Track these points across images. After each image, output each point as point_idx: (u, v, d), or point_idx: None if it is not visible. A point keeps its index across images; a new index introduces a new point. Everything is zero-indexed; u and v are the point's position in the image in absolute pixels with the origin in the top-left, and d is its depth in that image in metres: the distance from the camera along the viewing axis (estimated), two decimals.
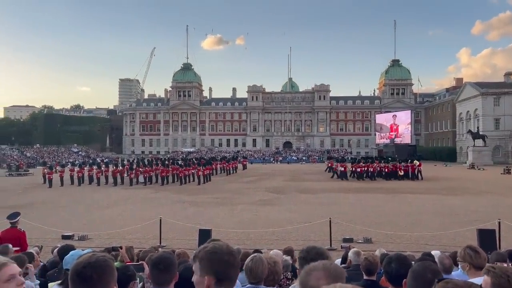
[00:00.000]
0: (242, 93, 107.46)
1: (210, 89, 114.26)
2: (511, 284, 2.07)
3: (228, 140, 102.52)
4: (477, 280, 2.90)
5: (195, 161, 41.26)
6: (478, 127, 64.99)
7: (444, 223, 14.80)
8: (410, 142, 76.32)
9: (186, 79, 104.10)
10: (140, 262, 3.61)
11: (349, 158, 48.45)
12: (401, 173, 35.97)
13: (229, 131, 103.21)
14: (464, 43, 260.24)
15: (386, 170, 36.80)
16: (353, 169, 37.29)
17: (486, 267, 2.38)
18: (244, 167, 54.73)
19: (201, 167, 35.47)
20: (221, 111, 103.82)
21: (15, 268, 1.97)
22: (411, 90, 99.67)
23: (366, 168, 36.86)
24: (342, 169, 37.64)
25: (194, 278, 1.93)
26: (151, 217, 14.45)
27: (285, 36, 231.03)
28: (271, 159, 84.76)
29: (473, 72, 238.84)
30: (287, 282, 4.56)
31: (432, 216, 16.94)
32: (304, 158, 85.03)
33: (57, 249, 5.01)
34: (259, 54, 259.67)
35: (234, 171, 47.58)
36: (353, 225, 13.61)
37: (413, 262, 4.67)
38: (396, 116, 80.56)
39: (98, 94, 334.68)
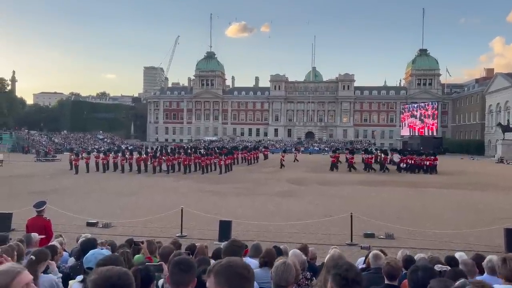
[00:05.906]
0: (264, 82, 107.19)
1: (233, 78, 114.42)
2: None
3: (250, 130, 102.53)
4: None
5: (217, 151, 41.50)
6: (508, 120, 62.69)
7: (469, 221, 14.42)
8: (435, 134, 74.48)
9: (209, 68, 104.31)
10: (160, 262, 3.63)
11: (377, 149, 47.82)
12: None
13: (251, 120, 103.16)
14: (498, 31, 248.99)
15: (413, 162, 36.26)
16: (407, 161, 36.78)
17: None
18: (266, 157, 54.61)
19: (222, 157, 35.65)
20: (244, 100, 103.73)
21: (28, 277, 2.02)
22: (438, 80, 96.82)
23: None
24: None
25: None
26: (173, 206, 14.63)
27: (310, 24, 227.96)
28: (293, 149, 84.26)
29: (507, 62, 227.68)
30: (306, 282, 4.51)
31: (457, 212, 16.53)
32: (326, 149, 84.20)
33: (80, 241, 5.12)
34: (282, 42, 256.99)
35: (256, 161, 47.64)
36: (374, 220, 13.39)
37: (438, 267, 4.54)
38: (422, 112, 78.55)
39: (123, 82, 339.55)
